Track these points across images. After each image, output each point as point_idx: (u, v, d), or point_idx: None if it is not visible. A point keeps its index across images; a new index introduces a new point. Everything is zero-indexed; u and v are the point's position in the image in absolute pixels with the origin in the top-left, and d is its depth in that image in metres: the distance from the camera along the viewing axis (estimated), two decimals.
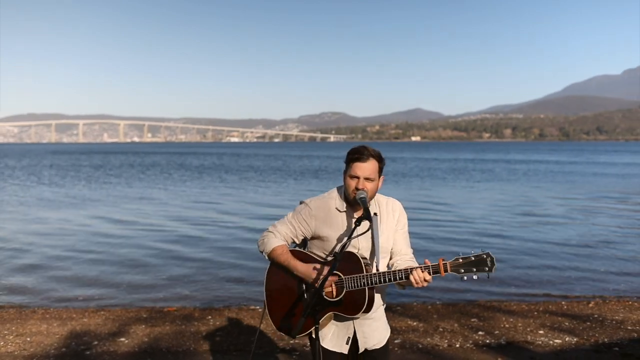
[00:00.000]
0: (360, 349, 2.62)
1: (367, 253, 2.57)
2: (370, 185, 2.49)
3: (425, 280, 2.37)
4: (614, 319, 5.91)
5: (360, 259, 2.46)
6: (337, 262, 2.32)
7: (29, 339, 5.35)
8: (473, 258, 2.37)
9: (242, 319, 6.09)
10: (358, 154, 2.49)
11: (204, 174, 36.97)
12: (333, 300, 2.48)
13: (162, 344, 5.20)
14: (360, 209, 2.52)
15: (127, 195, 22.22)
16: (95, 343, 5.24)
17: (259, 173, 38.21)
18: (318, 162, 58.37)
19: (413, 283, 2.38)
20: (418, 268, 2.39)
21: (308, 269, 2.51)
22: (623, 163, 52.72)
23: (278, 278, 2.62)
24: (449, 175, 34.52)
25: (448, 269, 2.37)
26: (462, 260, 2.38)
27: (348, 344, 2.59)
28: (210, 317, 6.20)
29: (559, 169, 41.80)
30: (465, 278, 2.38)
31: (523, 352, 4.87)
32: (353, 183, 2.49)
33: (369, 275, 2.43)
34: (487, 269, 2.36)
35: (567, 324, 5.73)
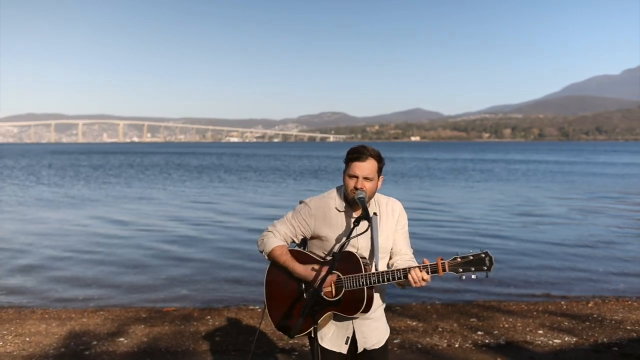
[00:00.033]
0: (360, 349, 2.61)
1: (366, 253, 2.56)
2: (369, 185, 2.49)
3: (424, 280, 2.36)
4: (613, 319, 5.91)
5: (359, 259, 2.45)
6: (335, 261, 2.32)
7: (28, 339, 5.35)
8: (471, 257, 2.36)
9: (241, 319, 6.09)
10: (357, 154, 2.50)
11: (203, 174, 36.95)
12: (332, 300, 2.48)
13: (161, 344, 5.19)
14: (360, 209, 2.52)
15: (126, 195, 22.22)
16: (95, 343, 5.23)
17: (259, 173, 38.21)
18: (317, 162, 58.36)
19: (411, 282, 2.37)
20: (416, 267, 2.38)
21: (307, 270, 2.51)
22: (622, 163, 52.75)
23: (278, 278, 2.62)
24: (448, 175, 34.53)
25: (446, 268, 2.37)
26: (460, 260, 2.37)
27: (347, 344, 2.59)
28: (210, 317, 6.19)
29: (559, 169, 41.83)
30: (464, 277, 2.37)
31: (522, 352, 4.87)
32: (352, 182, 2.49)
33: (368, 275, 2.42)
34: (485, 269, 2.35)
35: (566, 324, 5.73)
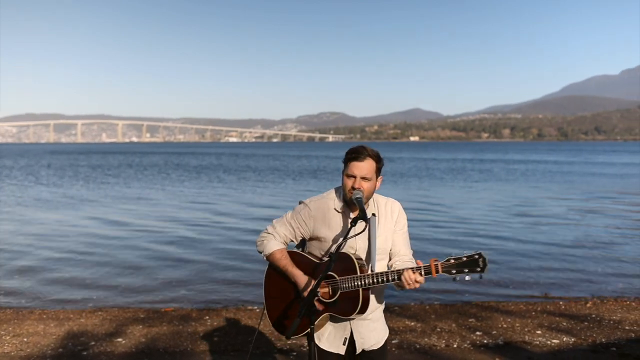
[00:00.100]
0: (358, 350, 2.60)
1: (364, 254, 2.55)
2: (367, 185, 2.49)
3: (417, 282, 2.35)
4: (612, 319, 5.91)
5: (355, 260, 2.44)
6: (332, 262, 2.31)
7: (26, 340, 5.34)
8: (465, 258, 2.34)
9: (239, 319, 6.08)
10: (356, 154, 2.49)
11: (202, 174, 36.93)
12: (328, 301, 2.48)
13: (159, 345, 5.19)
14: (358, 209, 2.51)
15: (125, 196, 22.20)
16: (93, 343, 5.22)
17: (257, 173, 38.20)
18: (316, 162, 58.36)
19: (404, 284, 2.36)
20: (409, 269, 2.37)
21: (305, 277, 2.52)
22: (621, 163, 52.80)
23: (276, 280, 2.63)
24: (447, 176, 34.53)
25: (440, 270, 2.35)
26: (453, 261, 2.35)
27: (345, 345, 2.59)
28: (208, 317, 6.18)
29: (558, 169, 41.85)
30: (458, 279, 2.35)
31: (521, 352, 4.87)
32: (350, 182, 2.49)
33: (363, 277, 2.42)
34: (479, 270, 2.33)
35: (564, 324, 5.73)
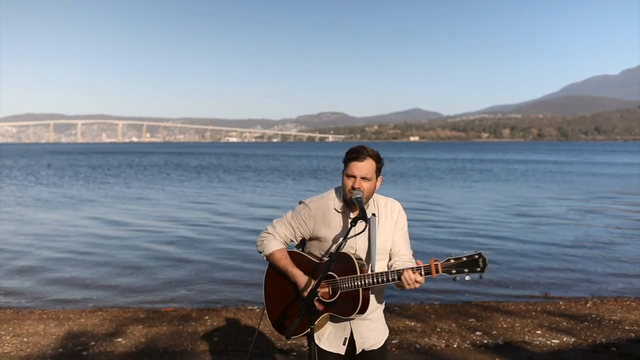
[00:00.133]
0: (358, 350, 2.60)
1: (364, 254, 2.55)
2: (367, 185, 2.49)
3: (417, 282, 2.35)
4: (612, 319, 5.91)
5: (355, 260, 2.44)
6: (332, 262, 2.31)
7: (26, 340, 5.33)
8: (465, 259, 2.34)
9: (240, 319, 6.08)
10: (356, 153, 2.49)
11: (202, 174, 36.93)
12: (328, 301, 2.48)
13: (159, 345, 5.19)
14: (357, 209, 2.51)
15: (125, 196, 22.20)
16: (93, 343, 5.22)
17: (257, 173, 38.20)
18: (316, 162, 58.37)
19: (404, 284, 2.36)
20: (409, 269, 2.37)
21: (305, 277, 2.52)
22: (621, 163, 52.81)
23: (276, 280, 2.63)
24: (447, 176, 34.53)
25: (440, 270, 2.35)
26: (453, 261, 2.35)
27: (345, 345, 2.59)
28: (208, 317, 6.18)
29: (557, 169, 41.85)
30: (458, 279, 2.35)
31: (520, 352, 4.87)
32: (350, 182, 2.49)
33: (363, 277, 2.42)
34: (479, 270, 2.32)
35: (564, 324, 5.73)
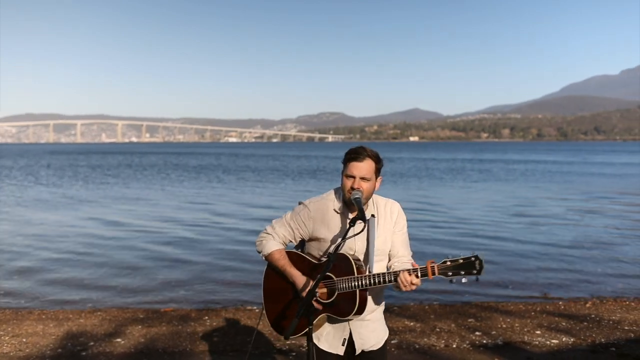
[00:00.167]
0: (357, 351, 2.60)
1: (362, 255, 2.55)
2: (366, 185, 2.48)
3: (413, 284, 2.34)
4: (611, 319, 5.91)
5: (353, 261, 2.44)
6: (330, 263, 2.31)
7: (25, 340, 5.33)
8: (461, 261, 2.33)
9: (239, 320, 6.07)
10: (355, 154, 2.49)
11: (202, 174, 36.93)
12: (325, 302, 2.48)
13: (158, 345, 5.18)
14: (357, 210, 2.51)
15: (124, 196, 22.19)
16: (92, 344, 5.22)
17: (257, 173, 38.21)
18: (316, 162, 58.38)
19: (400, 286, 2.36)
20: (405, 271, 2.36)
21: (303, 277, 2.52)
22: (620, 163, 52.85)
23: (275, 280, 2.63)
24: (447, 176, 34.54)
25: (436, 272, 2.34)
26: (450, 263, 2.34)
27: (344, 346, 2.59)
28: (207, 317, 6.18)
29: (557, 169, 41.87)
30: (454, 281, 2.34)
31: (520, 352, 4.87)
32: (349, 183, 2.49)
33: (360, 277, 2.42)
34: (475, 272, 2.32)
35: (564, 324, 5.73)
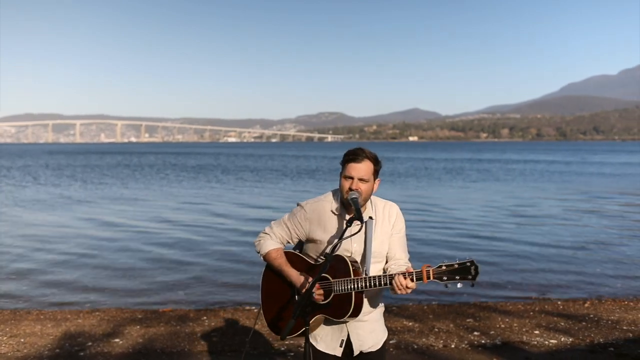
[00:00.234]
0: (355, 352, 2.59)
1: (359, 257, 2.54)
2: (364, 187, 2.47)
3: (408, 287, 2.33)
4: (610, 319, 5.91)
5: (350, 263, 2.44)
6: (327, 263, 2.31)
7: (23, 340, 5.32)
8: (457, 266, 2.31)
9: (237, 320, 6.07)
10: (353, 155, 2.49)
11: (200, 175, 36.92)
12: (322, 303, 2.47)
13: (156, 345, 5.18)
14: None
15: (122, 196, 22.17)
16: (90, 344, 5.21)
17: (256, 173, 38.21)
18: (315, 162, 58.39)
19: (395, 289, 2.34)
20: (400, 275, 2.35)
21: (299, 276, 2.51)
22: (619, 163, 52.90)
23: (273, 280, 2.62)
24: (446, 175, 34.55)
25: (431, 276, 2.32)
26: (445, 268, 2.32)
27: (342, 347, 2.58)
28: (206, 317, 6.17)
29: (556, 169, 41.89)
30: (449, 286, 2.32)
31: (518, 352, 4.86)
32: (347, 184, 2.48)
33: (356, 280, 2.41)
34: (470, 277, 2.29)
35: (562, 324, 5.73)
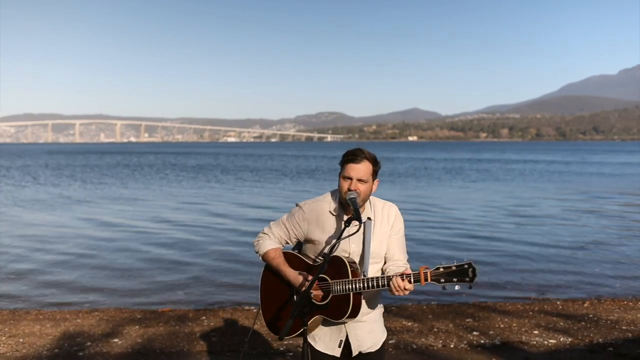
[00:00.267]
0: (354, 352, 2.59)
1: (357, 258, 2.54)
2: (363, 187, 2.47)
3: (406, 289, 2.32)
4: (609, 319, 5.91)
5: (348, 264, 2.43)
6: (325, 263, 2.30)
7: (22, 340, 5.32)
8: (454, 268, 2.29)
9: (236, 320, 6.07)
10: (352, 156, 2.48)
11: (200, 174, 36.91)
12: (320, 304, 2.47)
13: (155, 345, 5.17)
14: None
15: (122, 196, 22.16)
16: (88, 344, 5.21)
17: (255, 173, 38.20)
18: (314, 162, 58.38)
19: (393, 290, 2.34)
20: (398, 276, 2.34)
21: (297, 275, 2.51)
22: (619, 163, 52.92)
23: (271, 280, 2.62)
24: (445, 175, 34.55)
25: (428, 278, 2.31)
26: (443, 270, 2.30)
27: (340, 347, 2.58)
28: (205, 317, 6.17)
29: (555, 169, 41.90)
30: (446, 288, 2.31)
31: (517, 352, 4.87)
32: (346, 184, 2.47)
33: (354, 281, 2.40)
34: (468, 280, 2.28)
35: (561, 324, 5.73)
